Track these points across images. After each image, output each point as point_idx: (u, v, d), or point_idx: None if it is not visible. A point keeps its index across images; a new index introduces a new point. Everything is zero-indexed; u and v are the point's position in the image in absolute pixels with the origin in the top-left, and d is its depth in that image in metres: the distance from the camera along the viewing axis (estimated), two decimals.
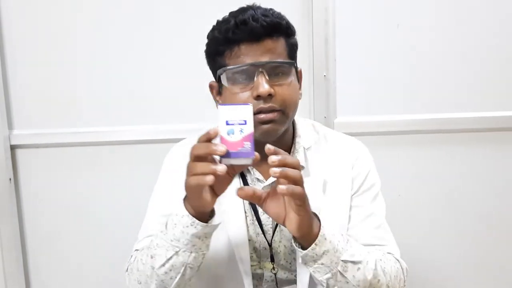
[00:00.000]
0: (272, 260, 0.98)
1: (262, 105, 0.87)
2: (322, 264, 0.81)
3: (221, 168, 0.71)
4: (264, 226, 0.97)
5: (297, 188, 0.73)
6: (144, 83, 1.51)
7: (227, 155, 0.73)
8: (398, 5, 1.47)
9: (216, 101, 0.98)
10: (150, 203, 1.04)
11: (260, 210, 0.97)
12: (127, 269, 0.96)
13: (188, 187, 0.76)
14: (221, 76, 0.90)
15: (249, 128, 0.73)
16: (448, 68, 1.50)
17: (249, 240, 0.96)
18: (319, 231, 0.80)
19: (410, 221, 1.57)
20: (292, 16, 1.46)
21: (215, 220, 0.83)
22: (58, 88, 1.51)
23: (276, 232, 0.97)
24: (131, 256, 0.97)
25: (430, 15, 1.48)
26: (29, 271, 1.62)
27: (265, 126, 0.88)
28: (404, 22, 1.48)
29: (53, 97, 1.52)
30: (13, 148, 1.54)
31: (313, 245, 0.79)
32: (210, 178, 0.71)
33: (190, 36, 1.45)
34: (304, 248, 0.81)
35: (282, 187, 0.72)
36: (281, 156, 0.73)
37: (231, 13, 0.91)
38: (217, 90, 0.96)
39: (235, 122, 0.74)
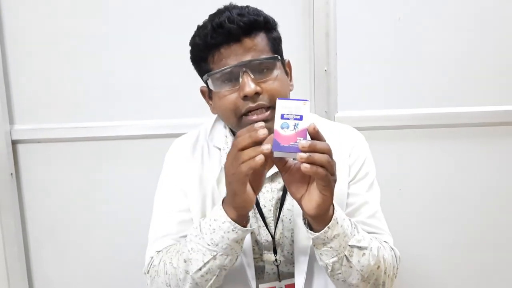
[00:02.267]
0: (275, 252, 0.99)
1: (250, 104, 0.87)
2: (331, 247, 0.82)
3: (267, 146, 0.73)
4: (266, 218, 0.98)
5: (320, 169, 0.73)
6: (145, 78, 1.51)
7: (277, 147, 0.74)
8: None
9: (209, 105, 0.98)
10: (158, 201, 1.03)
11: (261, 203, 0.97)
12: (149, 271, 0.96)
13: (237, 178, 0.76)
14: (208, 82, 0.91)
15: (304, 124, 0.74)
16: (450, 62, 1.49)
17: (251, 233, 0.97)
18: (332, 214, 0.81)
19: (411, 215, 1.57)
20: (293, 9, 1.47)
21: (251, 224, 0.85)
22: (59, 83, 1.51)
23: (278, 224, 0.98)
24: (152, 257, 0.97)
25: (431, 8, 1.47)
26: (31, 265, 1.63)
27: None
28: (405, 15, 1.47)
29: (54, 92, 1.52)
30: (14, 143, 1.54)
31: (325, 228, 0.80)
32: (260, 157, 0.73)
33: (191, 31, 1.45)
34: (313, 229, 0.82)
35: (306, 166, 0.72)
36: (311, 142, 0.73)
37: (208, 17, 0.91)
38: (208, 94, 0.97)
39: (291, 116, 0.74)
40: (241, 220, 0.82)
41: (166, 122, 1.51)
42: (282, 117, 0.74)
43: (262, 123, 0.75)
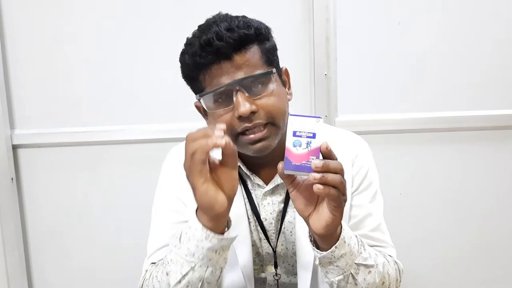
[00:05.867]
0: (276, 266, 0.98)
1: (246, 124, 0.83)
2: (337, 266, 0.79)
3: (219, 133, 0.69)
4: (267, 231, 0.96)
5: (333, 190, 0.71)
6: (145, 83, 1.51)
7: (289, 166, 0.72)
8: (399, 3, 1.47)
9: (206, 120, 0.94)
10: (155, 212, 1.00)
11: (262, 216, 0.96)
12: (142, 285, 0.93)
13: (193, 169, 0.72)
14: (201, 101, 0.87)
15: (317, 142, 0.72)
16: (449, 66, 1.49)
17: (252, 245, 0.96)
18: (340, 233, 0.78)
19: (411, 219, 1.57)
20: (292, 14, 1.48)
21: (231, 233, 0.79)
22: (60, 88, 1.52)
23: (279, 236, 0.97)
24: (146, 271, 0.94)
25: (430, 13, 1.47)
26: (31, 269, 1.62)
27: (257, 146, 0.85)
28: (405, 20, 1.47)
29: (55, 97, 1.52)
30: (15, 147, 1.54)
31: (333, 248, 0.77)
32: (212, 140, 0.69)
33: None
34: (319, 247, 0.80)
35: (319, 187, 0.70)
36: (324, 162, 0.71)
37: (196, 32, 0.87)
38: (203, 110, 0.92)
39: (303, 134, 0.72)
40: (216, 226, 0.76)
41: (167, 127, 1.51)
42: (294, 134, 0.72)
43: (223, 125, 0.72)
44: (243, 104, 0.81)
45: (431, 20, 1.48)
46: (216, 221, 0.76)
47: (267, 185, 0.96)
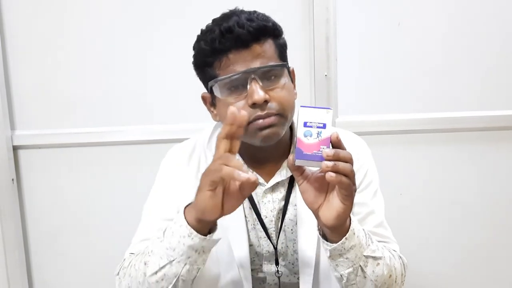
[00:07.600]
0: (277, 263, 0.98)
1: (259, 112, 0.85)
2: (347, 258, 0.80)
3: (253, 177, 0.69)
4: (268, 229, 0.96)
5: (344, 178, 0.72)
6: (145, 84, 1.51)
7: (301, 155, 0.73)
8: (399, 4, 1.47)
9: (211, 112, 0.95)
10: (147, 206, 1.01)
11: (262, 214, 0.96)
12: (119, 272, 0.93)
13: (210, 173, 0.72)
14: (213, 88, 0.88)
15: (327, 132, 0.74)
16: (449, 67, 1.49)
17: (250, 245, 0.96)
18: (349, 225, 0.79)
19: (412, 220, 1.57)
20: (293, 15, 1.48)
21: (215, 235, 0.80)
22: (60, 89, 1.52)
23: (280, 234, 0.97)
24: (124, 259, 0.95)
25: (431, 13, 1.47)
26: (31, 270, 1.62)
27: (265, 132, 0.86)
28: (405, 20, 1.47)
29: (55, 98, 1.52)
30: (15, 148, 1.54)
31: (343, 239, 0.78)
32: (239, 175, 0.69)
33: (191, 36, 1.45)
34: (328, 240, 0.81)
35: (331, 175, 0.71)
36: (335, 150, 0.72)
37: (214, 21, 0.88)
38: (211, 101, 0.94)
39: (314, 124, 0.74)
40: (201, 228, 0.77)
41: (167, 128, 1.51)
42: (305, 125, 0.74)
43: (244, 112, 0.72)
44: (258, 92, 0.83)
45: (431, 21, 1.48)
46: (202, 223, 0.77)
47: (267, 182, 0.96)
